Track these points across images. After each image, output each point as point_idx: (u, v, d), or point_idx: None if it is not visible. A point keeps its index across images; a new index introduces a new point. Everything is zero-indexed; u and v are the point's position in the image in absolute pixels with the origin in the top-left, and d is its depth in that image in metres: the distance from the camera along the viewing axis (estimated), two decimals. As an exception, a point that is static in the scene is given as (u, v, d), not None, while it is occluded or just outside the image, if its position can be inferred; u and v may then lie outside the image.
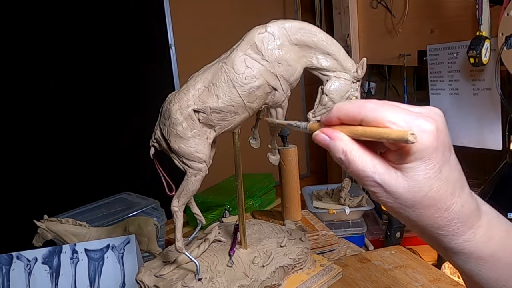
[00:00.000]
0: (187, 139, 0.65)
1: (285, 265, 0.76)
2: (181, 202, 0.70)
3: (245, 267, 0.74)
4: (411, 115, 0.35)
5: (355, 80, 0.69)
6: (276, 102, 0.69)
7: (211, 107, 0.65)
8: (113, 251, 0.90)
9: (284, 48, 0.65)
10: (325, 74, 0.69)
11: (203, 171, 0.68)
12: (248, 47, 0.64)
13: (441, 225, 0.37)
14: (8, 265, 0.85)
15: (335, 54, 0.68)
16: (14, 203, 1.45)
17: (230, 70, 0.64)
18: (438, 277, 0.86)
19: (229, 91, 0.64)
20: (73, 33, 1.56)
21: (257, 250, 0.79)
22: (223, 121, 0.67)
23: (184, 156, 0.66)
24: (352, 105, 0.38)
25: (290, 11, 2.17)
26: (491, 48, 1.18)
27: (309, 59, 0.68)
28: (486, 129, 1.32)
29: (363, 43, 1.83)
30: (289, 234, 0.84)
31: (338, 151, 0.38)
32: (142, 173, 1.66)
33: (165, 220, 1.21)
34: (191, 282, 0.69)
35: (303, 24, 0.67)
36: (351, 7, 1.81)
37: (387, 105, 0.37)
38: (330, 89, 0.68)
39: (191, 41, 1.83)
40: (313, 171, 2.38)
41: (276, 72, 0.65)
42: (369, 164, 0.37)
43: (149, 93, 1.75)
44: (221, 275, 0.71)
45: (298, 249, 0.79)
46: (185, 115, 0.65)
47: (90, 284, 0.87)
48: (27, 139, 1.48)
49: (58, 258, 0.87)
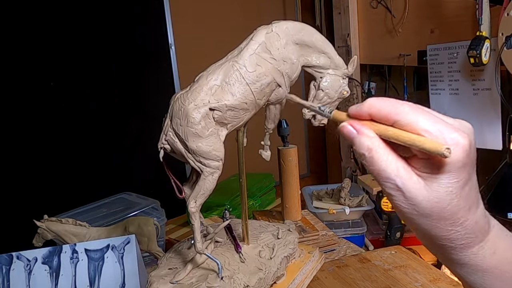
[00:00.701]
0: (205, 137, 0.66)
1: (288, 255, 0.80)
2: (198, 203, 0.70)
3: (255, 261, 0.76)
4: (446, 127, 0.34)
5: (345, 76, 0.75)
6: (279, 98, 0.73)
7: (227, 105, 0.66)
8: (113, 251, 0.90)
9: (288, 47, 0.69)
10: (319, 71, 0.75)
11: (219, 169, 0.69)
12: (257, 46, 0.68)
13: (453, 238, 0.37)
14: (8, 265, 0.85)
15: (329, 53, 0.74)
16: (14, 203, 1.45)
17: (243, 68, 0.67)
18: (438, 277, 0.86)
19: (243, 88, 0.66)
20: (73, 33, 1.56)
21: (259, 244, 0.82)
22: (236, 119, 0.69)
23: (202, 155, 0.67)
24: (387, 103, 0.37)
25: (290, 11, 2.17)
26: (491, 48, 1.18)
27: (307, 58, 0.73)
28: (486, 129, 1.32)
29: (363, 43, 1.84)
30: (277, 228, 0.89)
31: (363, 147, 0.36)
32: (142, 173, 1.66)
33: (165, 220, 1.21)
34: (215, 282, 0.70)
35: (302, 25, 0.72)
36: (351, 7, 1.81)
37: (422, 110, 0.36)
38: (325, 85, 0.74)
39: (191, 41, 1.83)
40: (313, 171, 2.38)
41: (282, 69, 0.70)
42: (392, 166, 0.36)
43: (149, 93, 1.75)
44: (238, 272, 0.73)
45: (292, 239, 0.84)
46: (203, 114, 0.65)
47: (90, 284, 0.87)
48: (27, 139, 1.48)
49: (58, 258, 0.87)
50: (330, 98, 0.76)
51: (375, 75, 1.99)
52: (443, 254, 0.40)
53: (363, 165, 0.38)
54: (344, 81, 0.76)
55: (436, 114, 0.37)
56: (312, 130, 2.30)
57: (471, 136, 0.35)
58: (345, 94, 0.76)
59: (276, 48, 0.68)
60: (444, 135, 0.34)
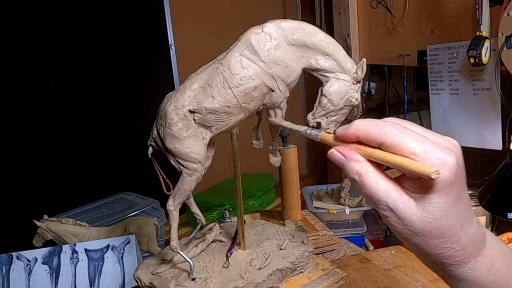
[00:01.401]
0: (182, 139, 0.66)
1: (283, 268, 0.74)
2: (176, 202, 0.70)
3: (242, 269, 0.73)
4: (433, 146, 0.35)
5: (355, 81, 0.67)
6: (274, 103, 0.68)
7: (206, 108, 0.65)
8: (113, 251, 0.90)
9: (282, 49, 0.64)
10: (324, 75, 0.67)
11: (198, 172, 0.68)
12: (244, 47, 0.64)
13: (448, 255, 0.38)
14: (8, 265, 0.85)
15: (334, 55, 0.66)
16: (14, 203, 1.45)
17: (226, 70, 0.64)
18: (438, 278, 0.85)
19: (225, 92, 0.64)
20: (73, 33, 1.56)
21: (255, 252, 0.77)
22: (219, 122, 0.67)
23: (180, 156, 0.67)
24: (372, 126, 0.37)
25: (290, 11, 2.17)
26: (491, 48, 1.17)
27: (308, 60, 0.66)
28: (486, 129, 1.31)
29: (363, 43, 1.83)
30: (291, 237, 0.83)
31: (353, 172, 0.37)
32: (142, 173, 1.66)
33: (165, 220, 1.21)
34: (185, 282, 0.69)
35: (301, 24, 0.66)
36: (351, 7, 1.81)
37: (408, 131, 0.36)
38: (329, 90, 0.67)
39: (191, 41, 1.83)
40: (313, 171, 2.38)
41: (273, 73, 0.65)
42: (383, 188, 0.37)
43: (149, 93, 1.75)
44: (216, 276, 0.71)
45: (299, 252, 0.78)
46: (180, 116, 0.65)
47: (90, 284, 0.87)
48: (27, 139, 1.48)
49: (58, 258, 0.87)
50: (335, 106, 0.67)
51: (375, 75, 1.98)
52: (441, 271, 0.40)
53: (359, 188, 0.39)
54: (353, 87, 0.67)
55: (422, 132, 0.37)
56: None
57: (458, 154, 0.36)
58: (354, 102, 0.68)
59: (266, 50, 0.63)
60: (431, 156, 0.34)
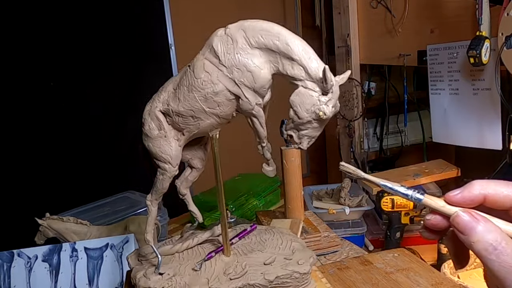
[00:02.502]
0: (153, 138, 0.68)
1: (257, 284, 0.67)
2: (153, 198, 0.73)
3: (213, 275, 0.69)
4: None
5: (324, 92, 0.58)
6: (244, 110, 0.63)
7: (172, 110, 0.66)
8: (112, 250, 0.90)
9: (242, 52, 0.59)
10: (293, 82, 0.60)
11: (168, 172, 0.69)
12: (207, 50, 0.62)
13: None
14: (9, 262, 0.85)
15: (301, 60, 0.58)
16: (16, 201, 1.45)
17: (192, 74, 0.63)
18: (440, 281, 0.85)
19: (188, 95, 0.63)
20: (73, 33, 1.56)
21: (237, 261, 0.72)
22: (188, 125, 0.66)
23: (152, 155, 0.69)
24: (501, 182, 0.32)
25: (290, 11, 2.17)
26: (491, 48, 1.18)
27: (275, 65, 0.60)
28: (486, 129, 1.32)
29: (363, 43, 1.84)
30: (291, 253, 0.74)
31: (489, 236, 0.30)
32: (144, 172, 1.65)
33: (168, 219, 1.21)
34: (151, 275, 0.68)
35: (266, 25, 0.59)
36: (351, 7, 1.81)
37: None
38: (293, 100, 0.60)
39: (191, 41, 1.83)
40: (313, 171, 2.38)
41: (234, 78, 0.60)
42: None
43: (149, 93, 1.75)
44: (185, 276, 0.68)
45: (284, 272, 0.69)
46: (152, 116, 0.68)
47: (89, 282, 0.87)
48: (28, 139, 1.49)
49: (58, 256, 0.87)
50: (300, 119, 0.60)
51: (375, 75, 1.99)
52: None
53: (484, 264, 0.31)
54: (321, 98, 0.58)
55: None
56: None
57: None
58: (321, 115, 0.58)
59: (227, 53, 0.59)
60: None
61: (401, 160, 1.97)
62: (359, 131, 1.96)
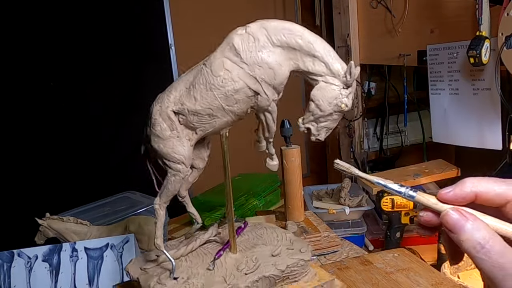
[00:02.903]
0: (165, 139, 0.66)
1: (271, 275, 0.70)
2: (162, 201, 0.70)
3: (227, 272, 0.70)
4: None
5: (345, 85, 0.63)
6: (261, 106, 0.65)
7: (188, 110, 0.65)
8: (112, 250, 0.90)
9: (265, 50, 0.62)
10: (313, 78, 0.64)
11: (181, 172, 0.68)
12: (227, 49, 0.62)
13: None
14: (10, 262, 0.85)
15: (323, 57, 0.62)
16: (17, 201, 1.45)
17: (209, 72, 0.63)
18: (440, 281, 0.85)
19: (207, 94, 0.63)
20: (73, 33, 1.56)
21: (246, 256, 0.74)
22: (203, 124, 0.66)
23: (164, 156, 0.67)
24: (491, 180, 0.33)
25: (290, 11, 2.17)
26: (491, 48, 1.18)
27: (296, 62, 0.63)
28: (486, 129, 1.32)
29: (363, 43, 1.84)
30: (290, 244, 0.78)
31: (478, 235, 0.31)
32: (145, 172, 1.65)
33: (168, 219, 1.21)
34: (166, 280, 0.68)
35: (287, 24, 0.63)
36: (351, 7, 1.81)
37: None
38: (316, 95, 0.64)
39: (191, 41, 1.83)
40: (313, 171, 2.38)
41: (256, 75, 0.62)
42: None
43: (149, 93, 1.75)
44: (199, 277, 0.69)
45: (292, 260, 0.73)
46: (164, 116, 0.66)
47: (89, 282, 0.87)
48: (28, 139, 1.49)
49: (58, 256, 0.87)
50: (322, 111, 0.64)
51: (375, 75, 1.99)
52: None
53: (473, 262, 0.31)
54: (343, 92, 0.63)
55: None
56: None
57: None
58: (343, 107, 0.64)
59: (249, 51, 0.61)
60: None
61: (401, 160, 1.97)
62: (359, 131, 1.96)
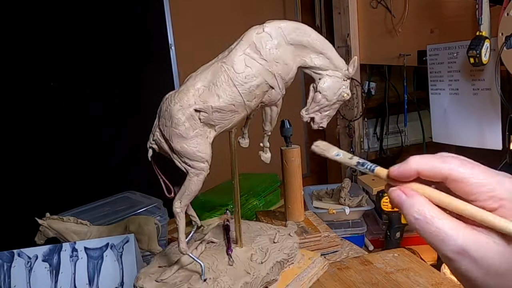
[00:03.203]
0: (189, 139, 0.66)
1: (281, 260, 0.78)
2: (183, 203, 0.69)
3: (245, 265, 0.74)
4: (502, 177, 0.33)
5: (346, 78, 0.72)
6: (273, 100, 0.71)
7: (212, 107, 0.65)
8: (112, 250, 0.90)
9: (281, 48, 0.67)
10: (318, 72, 0.72)
11: (205, 171, 0.68)
12: (247, 46, 0.66)
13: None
14: (10, 262, 0.85)
15: (328, 53, 0.71)
16: (17, 201, 1.45)
17: (230, 69, 0.65)
18: (440, 281, 0.85)
19: (230, 90, 0.65)
20: (73, 33, 1.56)
21: (252, 247, 0.80)
22: (224, 120, 0.67)
23: (187, 156, 0.67)
24: (436, 159, 0.35)
25: (290, 11, 2.17)
26: (491, 48, 1.18)
27: (303, 58, 0.70)
28: (486, 129, 1.32)
29: (363, 43, 1.84)
30: (278, 231, 0.86)
31: (413, 209, 0.34)
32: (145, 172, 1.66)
33: (167, 219, 1.21)
34: (197, 283, 0.69)
35: (297, 25, 0.69)
36: (351, 7, 1.81)
37: (472, 164, 0.35)
38: (323, 86, 0.71)
39: (191, 41, 1.83)
40: (313, 171, 2.38)
41: (273, 71, 0.67)
42: (451, 225, 0.33)
43: (149, 93, 1.75)
44: (224, 274, 0.71)
45: (290, 244, 0.81)
46: (187, 115, 0.65)
47: (89, 282, 0.87)
48: (28, 139, 1.49)
49: (58, 256, 0.87)
50: (329, 101, 0.73)
51: (375, 75, 1.99)
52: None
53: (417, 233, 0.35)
54: (344, 83, 0.72)
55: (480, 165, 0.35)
56: (312, 130, 2.30)
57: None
58: (346, 96, 0.73)
59: (267, 49, 0.66)
60: (501, 187, 0.33)
61: (401, 160, 1.94)
62: (359, 131, 1.96)
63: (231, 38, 0.70)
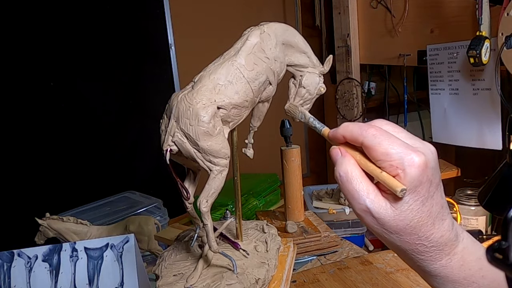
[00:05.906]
0: (215, 136, 0.66)
1: (279, 246, 0.84)
2: (209, 202, 0.69)
3: (256, 256, 0.78)
4: (406, 149, 0.38)
5: (321, 74, 0.81)
6: (269, 96, 0.75)
7: (232, 103, 0.67)
8: (112, 250, 0.90)
9: (277, 47, 0.73)
10: (299, 70, 0.79)
11: (227, 167, 0.69)
12: (254, 46, 0.70)
13: (421, 251, 0.41)
14: (9, 262, 0.85)
15: (308, 52, 0.78)
16: (17, 201, 1.45)
17: (242, 67, 0.68)
18: (440, 282, 0.85)
19: (245, 86, 0.68)
20: (73, 33, 1.56)
21: (251, 240, 0.84)
22: (237, 116, 0.70)
23: (213, 153, 0.67)
24: (356, 127, 0.42)
25: (290, 11, 2.17)
26: (491, 48, 1.18)
27: (290, 57, 0.77)
28: (486, 129, 1.32)
29: (363, 43, 1.84)
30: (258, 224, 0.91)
31: (342, 168, 0.41)
32: (145, 173, 1.66)
33: (168, 219, 1.21)
34: (232, 279, 0.70)
35: (287, 26, 0.76)
36: (351, 7, 1.81)
37: (386, 134, 0.40)
38: (306, 82, 0.79)
39: (191, 41, 1.84)
40: (313, 171, 2.39)
41: (273, 68, 0.72)
42: (364, 187, 0.40)
43: (149, 93, 1.75)
44: (246, 267, 0.74)
45: (274, 232, 0.87)
46: (211, 113, 0.65)
47: (89, 282, 0.87)
48: (28, 139, 1.49)
49: (58, 256, 0.87)
50: (311, 95, 0.81)
51: (375, 75, 1.99)
52: (416, 267, 0.44)
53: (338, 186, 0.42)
54: (320, 79, 0.81)
55: (404, 136, 0.41)
56: (312, 130, 2.31)
57: (429, 156, 0.39)
58: (322, 90, 0.81)
59: (269, 48, 0.71)
60: (402, 157, 0.38)
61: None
62: (359, 131, 1.96)
63: (231, 38, 0.71)
